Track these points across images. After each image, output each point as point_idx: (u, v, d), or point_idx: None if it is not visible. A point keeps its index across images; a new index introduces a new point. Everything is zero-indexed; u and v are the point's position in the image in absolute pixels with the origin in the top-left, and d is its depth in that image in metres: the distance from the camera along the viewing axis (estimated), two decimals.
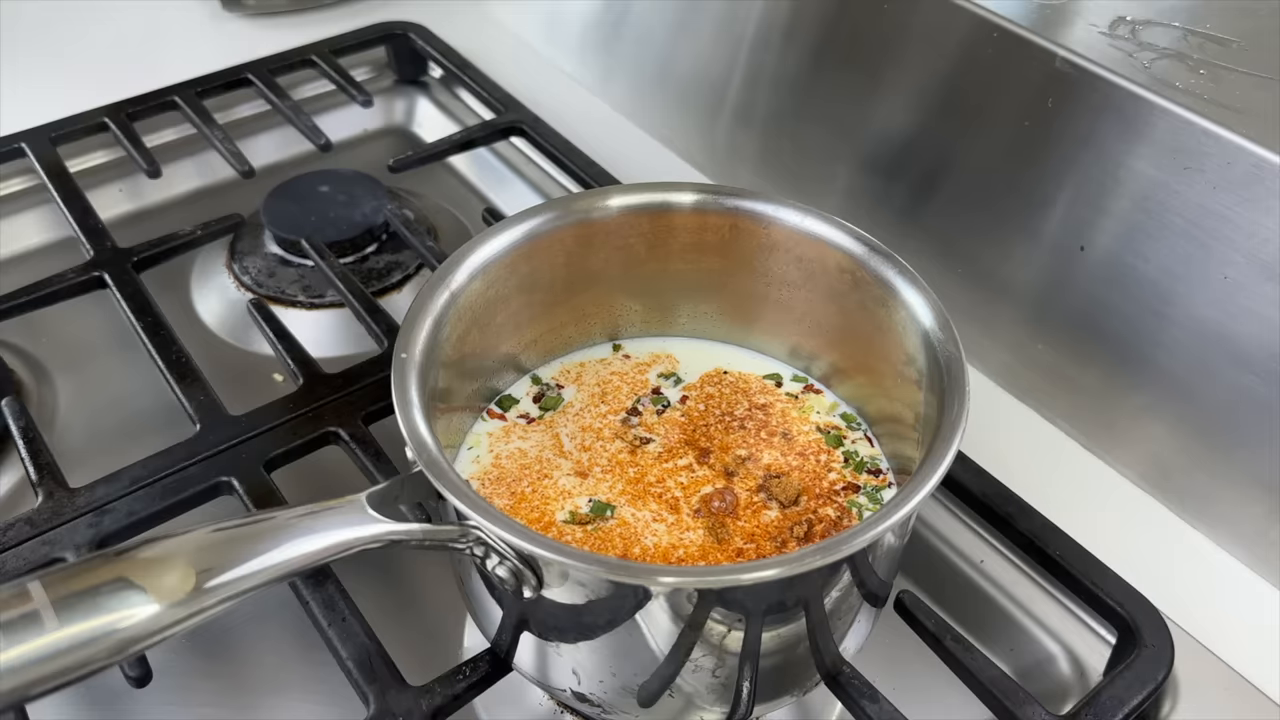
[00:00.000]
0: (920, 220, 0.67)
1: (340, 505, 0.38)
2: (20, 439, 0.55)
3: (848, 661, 0.45)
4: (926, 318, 0.45)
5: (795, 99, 0.73)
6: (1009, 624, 0.54)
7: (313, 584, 0.48)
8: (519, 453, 0.49)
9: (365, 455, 0.55)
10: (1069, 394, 0.61)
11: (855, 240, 0.48)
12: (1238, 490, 0.55)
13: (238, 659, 0.53)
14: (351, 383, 0.59)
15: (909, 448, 0.47)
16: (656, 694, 0.41)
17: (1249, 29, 0.60)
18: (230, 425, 0.56)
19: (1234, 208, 0.52)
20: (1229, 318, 0.53)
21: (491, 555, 0.38)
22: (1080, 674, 0.52)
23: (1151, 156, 0.55)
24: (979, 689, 0.45)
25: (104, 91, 0.80)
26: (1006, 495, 0.53)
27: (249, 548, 0.35)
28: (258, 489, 0.53)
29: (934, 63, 0.65)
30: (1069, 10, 0.62)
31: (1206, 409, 0.55)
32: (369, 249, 0.74)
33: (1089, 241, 0.58)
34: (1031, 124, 0.60)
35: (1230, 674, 0.50)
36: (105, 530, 0.51)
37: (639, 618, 0.38)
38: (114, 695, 0.50)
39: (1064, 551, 0.50)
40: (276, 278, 0.72)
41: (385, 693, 0.45)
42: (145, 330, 0.62)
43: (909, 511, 0.37)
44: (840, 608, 0.42)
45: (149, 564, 0.34)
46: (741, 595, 0.38)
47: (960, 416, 0.41)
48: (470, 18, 0.96)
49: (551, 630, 0.41)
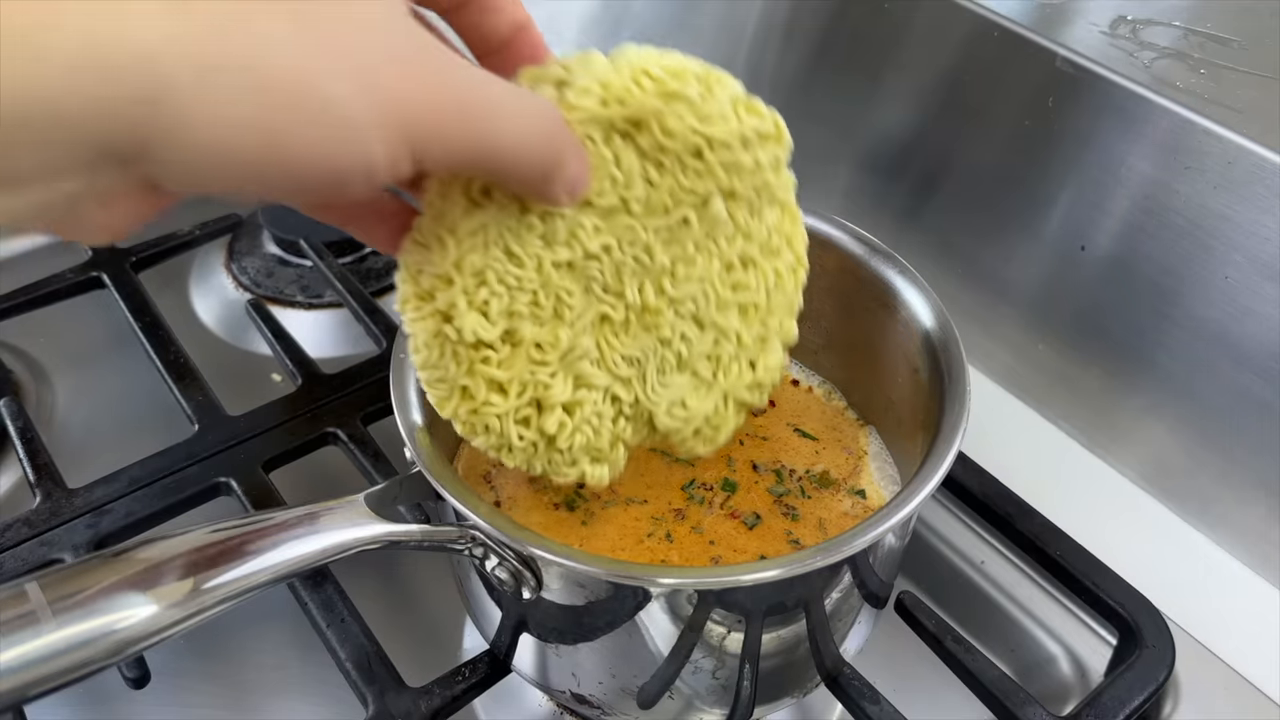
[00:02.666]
0: (920, 220, 0.67)
1: (339, 506, 0.37)
2: (18, 439, 0.55)
3: (848, 662, 0.45)
4: (927, 318, 0.45)
5: (795, 99, 0.73)
6: (1010, 625, 0.54)
7: (311, 585, 0.48)
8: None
9: (364, 456, 0.55)
10: (1070, 394, 0.61)
11: (855, 240, 0.48)
12: (1239, 491, 0.55)
13: (236, 660, 0.53)
14: (350, 383, 0.59)
15: (909, 448, 0.47)
16: (656, 695, 0.41)
17: (1249, 28, 0.60)
18: (229, 426, 0.56)
19: (1235, 207, 0.52)
20: (1230, 318, 0.53)
21: (490, 556, 0.38)
22: (1081, 675, 0.52)
23: (1152, 156, 0.55)
24: (980, 690, 0.45)
25: None
26: (1007, 496, 0.53)
27: (247, 549, 0.35)
28: (256, 490, 0.53)
29: (934, 62, 0.64)
30: (1069, 10, 0.62)
31: (1207, 409, 0.55)
32: (368, 249, 0.74)
33: (1090, 241, 0.58)
34: (1032, 123, 0.59)
35: (1231, 674, 0.50)
36: (103, 531, 0.51)
37: (638, 619, 0.38)
38: (112, 696, 0.50)
39: (1065, 552, 0.50)
40: (275, 278, 0.72)
41: (384, 694, 0.44)
42: (143, 330, 0.61)
43: (910, 512, 0.37)
44: (841, 609, 0.42)
45: (147, 565, 0.33)
46: (741, 596, 0.38)
47: (961, 417, 0.41)
48: None
49: (551, 631, 0.41)
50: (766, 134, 0.38)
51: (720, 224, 0.38)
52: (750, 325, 0.41)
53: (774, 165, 0.39)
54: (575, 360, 0.38)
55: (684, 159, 0.36)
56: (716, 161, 0.37)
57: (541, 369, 0.37)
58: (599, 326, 0.38)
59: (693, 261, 0.38)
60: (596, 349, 0.38)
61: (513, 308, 0.36)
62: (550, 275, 0.36)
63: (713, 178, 0.37)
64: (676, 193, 0.37)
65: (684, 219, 0.37)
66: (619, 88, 0.35)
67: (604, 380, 0.38)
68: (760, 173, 0.38)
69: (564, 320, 0.37)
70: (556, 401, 0.37)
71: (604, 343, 0.38)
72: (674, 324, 0.39)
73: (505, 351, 0.37)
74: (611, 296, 0.38)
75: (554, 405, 0.37)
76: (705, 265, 0.39)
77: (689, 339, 0.39)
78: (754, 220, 0.39)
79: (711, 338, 0.40)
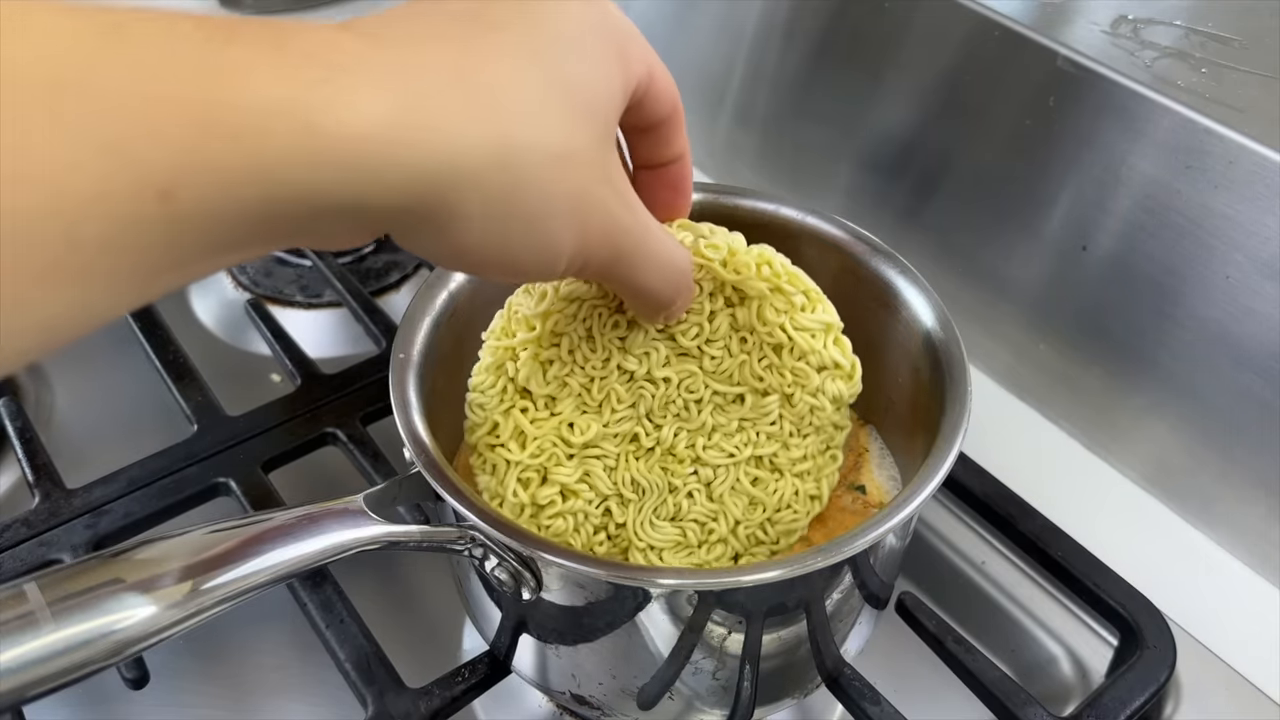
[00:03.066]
0: (921, 219, 0.67)
1: (338, 506, 0.37)
2: (17, 440, 0.55)
3: (849, 663, 0.45)
4: (928, 317, 0.45)
5: (795, 98, 0.73)
6: (1010, 625, 0.54)
7: (311, 585, 0.48)
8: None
9: (363, 456, 0.55)
10: (1070, 394, 0.61)
11: (856, 239, 0.48)
12: (1240, 491, 0.55)
13: (235, 661, 0.53)
14: (349, 383, 0.59)
15: (910, 448, 0.47)
16: (656, 696, 0.41)
17: (1251, 28, 0.60)
18: (228, 426, 0.56)
19: (1236, 207, 0.52)
20: (1231, 317, 0.53)
21: (490, 557, 0.38)
22: (1082, 675, 0.52)
23: (1153, 155, 0.54)
24: (980, 690, 0.45)
25: None
26: (1008, 496, 0.53)
27: (247, 549, 0.35)
28: (255, 490, 0.53)
29: (935, 61, 0.64)
30: (1070, 9, 0.62)
31: (1209, 409, 0.55)
32: (367, 248, 0.74)
33: (1091, 241, 0.58)
34: (1033, 123, 0.59)
35: (1233, 675, 0.50)
36: (102, 531, 0.51)
37: (638, 620, 0.38)
38: (111, 697, 0.50)
39: (1066, 552, 0.50)
40: (274, 277, 0.72)
41: (383, 695, 0.44)
42: (142, 330, 0.61)
43: (911, 513, 0.37)
44: (841, 609, 0.41)
45: (146, 565, 0.33)
46: (742, 597, 0.38)
47: (962, 417, 0.40)
48: None
49: (550, 632, 0.41)
50: (841, 367, 0.42)
51: (767, 417, 0.42)
52: (750, 521, 0.43)
53: (835, 399, 0.42)
54: (592, 457, 0.41)
55: (765, 348, 0.41)
56: (789, 364, 0.41)
57: (562, 446, 0.40)
58: (627, 442, 0.41)
59: (730, 435, 0.42)
60: (615, 459, 0.41)
61: (567, 379, 0.40)
62: (612, 373, 0.40)
63: (780, 376, 0.41)
64: (745, 371, 0.41)
65: (740, 396, 0.42)
66: (742, 260, 0.39)
67: (606, 488, 0.41)
68: (821, 396, 0.42)
69: (602, 418, 0.41)
70: (559, 480, 0.40)
71: (624, 459, 0.41)
72: (688, 480, 0.42)
73: (544, 414, 0.40)
74: (650, 424, 0.41)
75: (556, 482, 0.40)
76: (739, 446, 0.42)
77: (694, 499, 0.42)
78: (796, 437, 0.43)
79: (712, 510, 0.43)
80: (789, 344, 0.41)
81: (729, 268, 0.40)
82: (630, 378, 0.40)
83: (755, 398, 0.42)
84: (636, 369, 0.40)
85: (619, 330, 0.40)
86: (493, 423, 0.40)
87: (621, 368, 0.40)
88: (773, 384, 0.41)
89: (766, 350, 0.41)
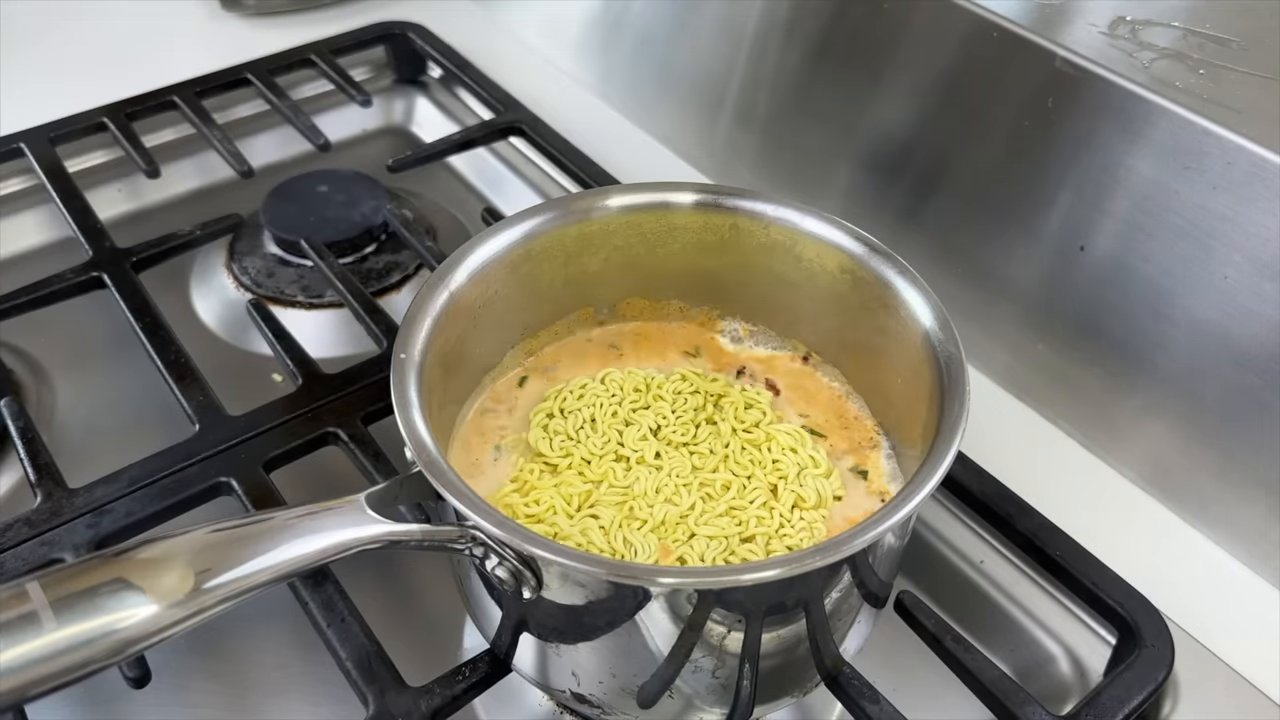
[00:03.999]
0: (920, 220, 0.67)
1: (339, 506, 0.38)
2: (19, 439, 0.55)
3: (848, 662, 0.45)
4: (926, 317, 0.45)
5: (795, 99, 0.73)
6: (1009, 624, 0.54)
7: (312, 585, 0.48)
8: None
9: (364, 456, 0.55)
10: (1069, 394, 0.61)
11: (855, 240, 0.48)
12: (1238, 490, 0.55)
13: (237, 660, 0.53)
14: (351, 383, 0.59)
15: (909, 447, 0.47)
16: (656, 695, 0.41)
17: (1249, 29, 0.60)
18: (229, 425, 0.56)
19: (1234, 207, 0.52)
20: (1229, 318, 0.53)
21: (491, 556, 0.38)
22: (1080, 674, 0.52)
23: (1151, 156, 0.55)
24: (979, 689, 0.45)
25: (103, 91, 0.79)
26: (1006, 495, 0.53)
27: (248, 548, 0.35)
28: (257, 489, 0.53)
29: (934, 62, 0.64)
30: (1069, 10, 0.62)
31: (1207, 409, 0.55)
32: (368, 249, 0.74)
33: (1089, 241, 0.58)
34: (1031, 124, 0.60)
35: (1231, 674, 0.50)
36: (104, 531, 0.51)
37: (639, 618, 0.38)
38: (113, 696, 0.50)
39: (1064, 552, 0.50)
40: (276, 278, 0.72)
41: (384, 693, 0.44)
42: (144, 330, 0.62)
43: (909, 512, 0.37)
44: (840, 608, 0.42)
45: (148, 565, 0.34)
46: (741, 596, 0.38)
47: (960, 417, 0.41)
48: (470, 18, 0.96)
49: (551, 631, 0.41)
50: (819, 465, 0.48)
51: (754, 504, 0.46)
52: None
53: (818, 493, 0.47)
54: (589, 517, 0.45)
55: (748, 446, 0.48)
56: (769, 459, 0.48)
57: (563, 504, 0.46)
58: (624, 507, 0.46)
59: (719, 517, 0.46)
60: (608, 523, 0.45)
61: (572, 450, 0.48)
62: (609, 460, 0.47)
63: (761, 468, 0.48)
64: (730, 463, 0.48)
65: (726, 484, 0.47)
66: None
67: (602, 545, 0.44)
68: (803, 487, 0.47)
69: (600, 489, 0.46)
70: (557, 527, 0.45)
71: (619, 523, 0.45)
72: (680, 543, 0.45)
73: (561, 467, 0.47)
74: (644, 504, 0.46)
75: (552, 533, 0.45)
76: (727, 527, 0.45)
77: (686, 563, 0.45)
78: (787, 527, 0.46)
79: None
80: (766, 440, 0.48)
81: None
82: (626, 463, 0.47)
83: (740, 483, 0.47)
84: (631, 455, 0.47)
85: (617, 421, 0.49)
86: (538, 452, 0.48)
87: (620, 456, 0.48)
88: (756, 475, 0.47)
89: (749, 447, 0.48)
